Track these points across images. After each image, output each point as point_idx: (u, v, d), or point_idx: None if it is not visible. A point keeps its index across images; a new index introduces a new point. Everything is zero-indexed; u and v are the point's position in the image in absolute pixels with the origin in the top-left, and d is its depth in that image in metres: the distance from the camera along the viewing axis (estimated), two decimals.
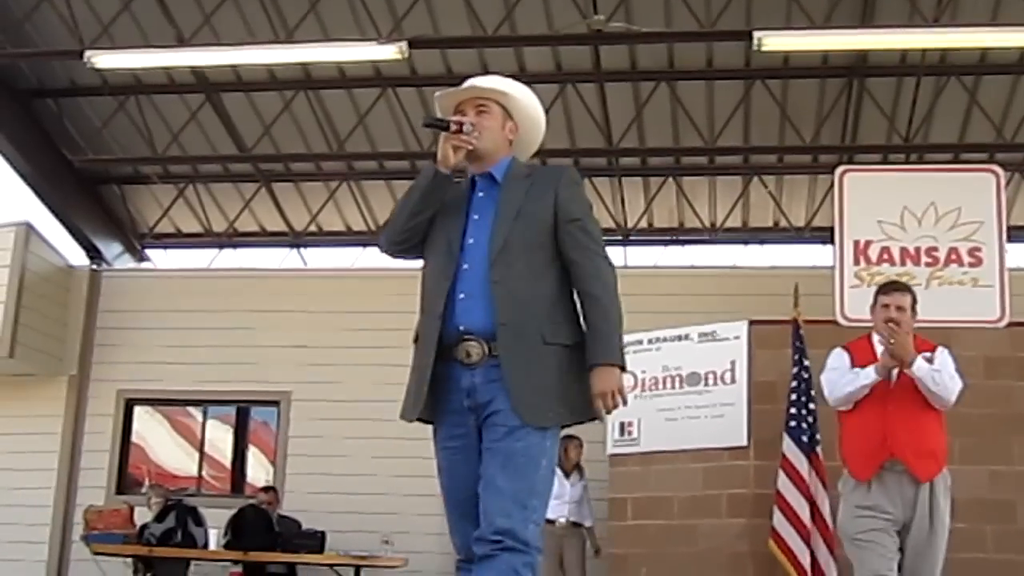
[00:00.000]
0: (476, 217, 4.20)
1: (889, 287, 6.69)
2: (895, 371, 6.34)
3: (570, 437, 10.94)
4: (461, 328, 4.07)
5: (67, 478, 14.07)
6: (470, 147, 4.16)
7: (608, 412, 4.06)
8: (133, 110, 14.33)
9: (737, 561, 9.70)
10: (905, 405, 6.33)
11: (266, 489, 12.95)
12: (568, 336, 4.12)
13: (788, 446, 9.23)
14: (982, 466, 9.15)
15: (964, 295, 9.82)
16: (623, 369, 4.08)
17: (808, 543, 8.99)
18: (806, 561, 8.94)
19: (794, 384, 9.38)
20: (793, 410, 9.30)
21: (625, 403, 4.07)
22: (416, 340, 4.23)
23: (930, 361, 6.35)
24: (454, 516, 4.18)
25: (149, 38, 12.98)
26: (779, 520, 9.09)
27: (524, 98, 4.39)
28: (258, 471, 14.43)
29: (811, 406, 9.22)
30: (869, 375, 6.35)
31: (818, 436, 9.17)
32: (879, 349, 6.41)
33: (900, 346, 6.22)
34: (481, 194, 4.26)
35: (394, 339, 5.45)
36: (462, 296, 4.09)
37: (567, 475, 11.25)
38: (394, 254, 4.38)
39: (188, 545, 11.91)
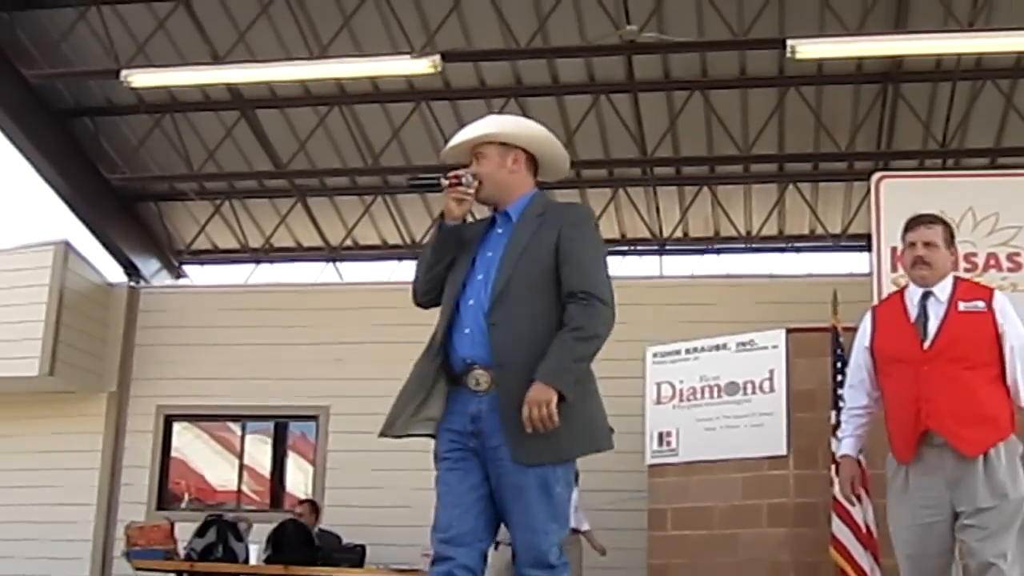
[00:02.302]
0: (489, 254, 4.32)
1: (914, 221, 5.56)
2: (932, 325, 5.31)
3: None
4: (467, 360, 4.21)
5: (108, 494, 14.14)
6: (469, 197, 4.31)
7: (532, 423, 4.00)
8: (169, 128, 14.42)
9: (779, 571, 9.64)
10: (943, 365, 5.22)
11: (303, 502, 12.97)
12: None
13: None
14: None
15: None
16: (562, 398, 4.02)
17: (867, 549, 8.88)
18: (867, 566, 8.83)
19: (839, 391, 9.29)
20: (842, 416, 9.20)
21: (552, 422, 3.99)
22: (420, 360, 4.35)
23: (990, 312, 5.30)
24: (444, 515, 4.34)
25: (184, 56, 13.06)
26: (838, 527, 8.95)
27: (515, 126, 4.45)
28: (297, 485, 14.45)
29: None
30: (840, 447, 5.71)
31: None
32: (913, 298, 5.43)
33: None
34: (499, 231, 4.39)
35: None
36: (467, 331, 4.22)
37: None
38: (425, 305, 4.51)
39: (229, 560, 11.95)
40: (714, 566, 10.00)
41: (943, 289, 5.40)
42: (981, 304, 5.32)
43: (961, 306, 5.34)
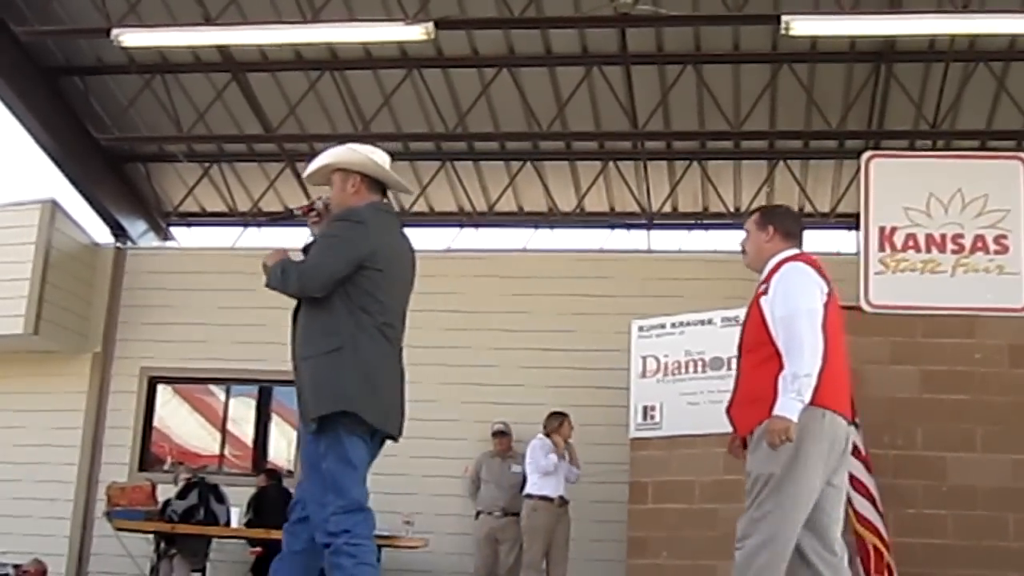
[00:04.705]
0: None
1: None
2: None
3: (559, 414, 10.92)
4: None
5: (90, 455, 14.12)
6: (322, 219, 5.52)
7: None
8: (159, 88, 14.36)
9: None
10: (740, 353, 5.42)
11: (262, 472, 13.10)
12: (315, 349, 4.97)
13: None
14: (1005, 455, 9.10)
15: (989, 283, 9.72)
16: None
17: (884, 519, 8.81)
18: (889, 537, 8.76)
19: None
20: None
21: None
22: None
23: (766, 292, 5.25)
24: None
25: (176, 16, 13.00)
26: (860, 503, 8.90)
27: (349, 155, 5.32)
28: (280, 450, 14.46)
29: None
30: None
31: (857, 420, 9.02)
32: None
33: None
34: None
35: (414, 320, 5.48)
36: None
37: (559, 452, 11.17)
38: None
39: (210, 522, 11.98)
40: (693, 540, 10.04)
41: (762, 274, 5.47)
42: (764, 286, 5.33)
43: (760, 289, 5.38)
